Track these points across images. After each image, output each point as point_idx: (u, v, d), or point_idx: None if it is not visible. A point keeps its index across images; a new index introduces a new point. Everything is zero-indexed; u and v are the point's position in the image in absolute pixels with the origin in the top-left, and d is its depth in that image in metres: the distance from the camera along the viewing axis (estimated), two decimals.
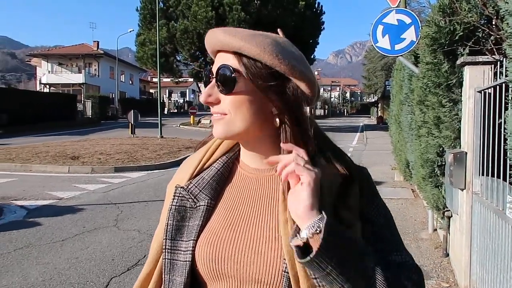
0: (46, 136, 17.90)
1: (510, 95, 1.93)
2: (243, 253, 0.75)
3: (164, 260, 0.80)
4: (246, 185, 0.84)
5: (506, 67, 2.20)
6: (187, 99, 62.75)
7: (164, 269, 0.80)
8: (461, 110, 3.53)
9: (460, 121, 3.56)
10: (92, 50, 40.99)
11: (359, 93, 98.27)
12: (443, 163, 3.98)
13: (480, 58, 3.24)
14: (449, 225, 4.07)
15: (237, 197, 0.83)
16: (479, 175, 3.19)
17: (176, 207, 0.82)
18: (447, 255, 4.15)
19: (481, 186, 3.15)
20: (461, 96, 3.53)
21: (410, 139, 5.54)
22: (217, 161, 0.86)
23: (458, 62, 3.39)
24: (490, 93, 3.04)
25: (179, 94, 64.30)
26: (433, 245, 4.55)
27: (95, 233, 5.04)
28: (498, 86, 2.75)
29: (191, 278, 0.79)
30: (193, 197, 0.82)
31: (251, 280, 0.75)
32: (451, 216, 3.99)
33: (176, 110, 53.34)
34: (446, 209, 4.05)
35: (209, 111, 0.83)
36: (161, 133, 17.23)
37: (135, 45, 25.98)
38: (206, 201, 0.81)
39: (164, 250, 0.81)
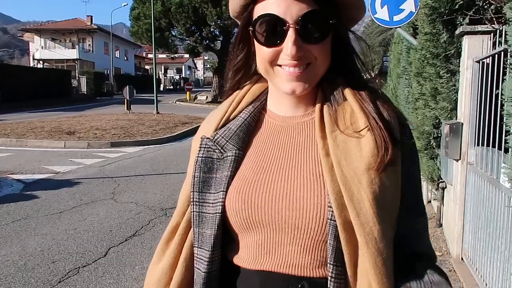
0: (41, 112, 17.76)
1: (508, 61, 1.92)
2: (279, 199, 0.72)
3: (192, 213, 0.77)
4: (276, 133, 0.80)
5: (505, 32, 2.17)
6: (183, 75, 62.14)
7: (193, 222, 0.77)
8: (458, 81, 3.52)
9: (457, 92, 3.54)
10: (85, 25, 40.20)
11: None
12: (439, 135, 3.99)
13: (480, 28, 3.20)
14: (443, 196, 4.12)
15: (267, 145, 0.79)
16: (475, 145, 3.21)
17: (203, 158, 0.78)
18: (440, 225, 4.22)
19: (476, 156, 3.17)
20: (459, 66, 3.51)
21: (406, 112, 5.54)
22: (243, 111, 0.82)
23: (457, 31, 3.35)
24: (488, 63, 3.02)
25: (175, 71, 63.61)
26: None
27: (93, 206, 5.07)
28: (496, 55, 2.72)
29: (222, 231, 0.76)
30: (220, 148, 0.78)
31: (288, 227, 0.71)
32: (445, 187, 4.03)
33: (172, 87, 52.88)
34: (440, 180, 4.09)
35: (205, 87, 0.79)
36: (157, 109, 17.13)
37: (129, 19, 25.50)
38: (234, 151, 0.78)
39: (192, 203, 0.77)
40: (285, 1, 0.70)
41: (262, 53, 0.74)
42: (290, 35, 0.70)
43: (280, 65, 0.73)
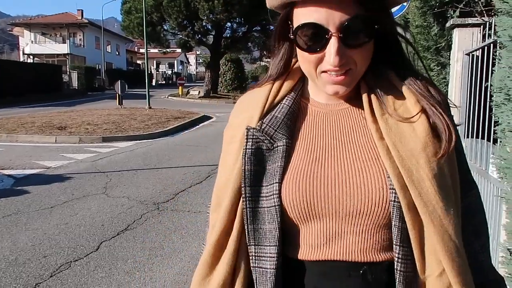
0: (32, 108, 17.58)
1: (498, 51, 1.94)
2: (338, 187, 0.71)
3: (245, 209, 0.73)
4: (321, 121, 0.78)
5: (495, 23, 2.19)
6: (176, 70, 61.82)
7: (247, 220, 0.73)
8: (449, 73, 3.54)
9: (447, 85, 3.57)
10: (76, 19, 39.80)
11: None
12: None
13: (470, 20, 3.22)
14: None
15: (315, 133, 0.77)
16: (464, 137, 3.24)
17: (252, 150, 0.74)
18: None
19: (465, 148, 3.20)
20: (449, 59, 3.53)
21: None
22: (286, 98, 0.79)
23: (447, 24, 3.37)
24: (478, 55, 3.05)
25: (167, 65, 63.27)
26: None
27: (84, 200, 5.04)
28: (486, 48, 2.74)
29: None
30: (269, 138, 0.75)
31: (349, 214, 0.71)
32: None
33: (164, 82, 52.61)
34: None
35: (198, 82, 0.77)
36: (149, 104, 17.03)
37: (120, 13, 25.28)
38: (284, 140, 0.75)
39: (244, 199, 0.73)
40: (326, 6, 0.68)
41: (305, 58, 0.73)
42: (333, 43, 0.68)
43: (322, 71, 0.72)
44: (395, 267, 0.70)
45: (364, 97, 0.75)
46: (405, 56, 0.78)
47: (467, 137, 3.16)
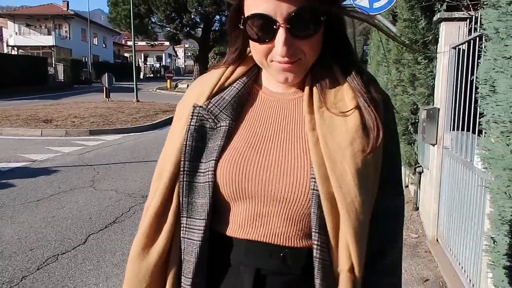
0: (16, 100, 17.25)
1: (483, 44, 1.97)
2: (268, 172, 0.74)
3: (182, 182, 0.77)
4: (268, 107, 0.81)
5: (481, 16, 2.22)
6: (163, 63, 61.26)
7: (182, 192, 0.77)
8: (436, 67, 3.58)
9: (434, 78, 3.62)
10: (61, 11, 39.02)
11: None
12: (417, 120, 4.07)
13: (456, 14, 3.26)
14: (419, 181, 4.23)
15: (259, 118, 0.80)
16: (450, 130, 3.29)
17: (196, 127, 0.77)
18: (417, 209, 4.33)
19: (451, 141, 3.25)
20: (436, 53, 3.57)
21: None
22: (237, 81, 0.82)
23: (434, 18, 3.40)
24: (464, 49, 3.09)
25: (155, 58, 62.63)
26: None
27: (71, 193, 4.99)
28: (472, 41, 2.78)
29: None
30: (213, 117, 0.78)
31: (276, 199, 0.74)
32: (422, 171, 4.13)
33: (152, 75, 52.06)
34: (417, 165, 4.18)
35: (186, 76, 0.79)
36: (137, 97, 16.87)
37: (107, 5, 24.90)
38: (228, 121, 0.78)
39: (182, 173, 0.76)
40: (263, 2, 0.69)
41: (255, 47, 0.75)
42: (281, 34, 0.70)
43: (273, 61, 0.75)
44: (314, 254, 0.72)
45: (307, 89, 0.78)
46: (351, 50, 0.80)
47: (453, 130, 3.21)
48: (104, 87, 16.62)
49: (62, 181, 5.53)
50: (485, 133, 1.94)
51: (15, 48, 36.61)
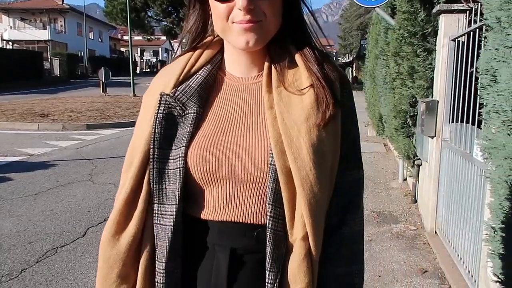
0: (11, 95, 17.14)
1: (484, 34, 1.97)
2: (236, 155, 0.77)
3: (152, 170, 0.78)
4: (233, 93, 0.84)
5: (481, 6, 2.22)
6: (160, 58, 60.95)
7: (153, 179, 0.78)
8: (435, 59, 3.58)
9: (433, 71, 3.61)
10: (57, 5, 38.65)
11: (334, 54, 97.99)
12: (415, 113, 4.08)
13: (456, 6, 3.25)
14: (418, 173, 4.24)
15: (224, 104, 0.83)
16: (449, 122, 3.30)
17: (164, 115, 0.79)
18: (415, 201, 4.35)
19: (450, 133, 3.26)
20: (435, 45, 3.57)
21: (384, 93, 5.63)
22: (202, 69, 0.84)
23: (434, 10, 3.39)
24: (464, 41, 3.09)
25: (152, 53, 62.30)
26: (402, 193, 4.75)
27: (69, 187, 4.98)
28: (472, 33, 2.78)
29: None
30: (181, 105, 0.79)
31: (244, 179, 0.77)
32: (421, 164, 4.14)
33: (148, 70, 51.85)
34: (416, 157, 4.19)
35: None
36: (133, 92, 16.79)
37: None
38: (195, 108, 0.80)
39: (151, 160, 0.78)
40: None
41: (217, 10, 0.76)
42: None
43: (234, 22, 0.76)
44: (267, 225, 0.75)
45: (266, 70, 0.81)
46: (306, 30, 0.83)
47: (452, 122, 3.22)
48: (101, 82, 16.55)
49: (60, 175, 5.51)
50: (486, 123, 1.94)
51: (10, 43, 36.31)
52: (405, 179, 5.08)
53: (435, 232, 3.53)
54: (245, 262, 0.79)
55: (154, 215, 0.79)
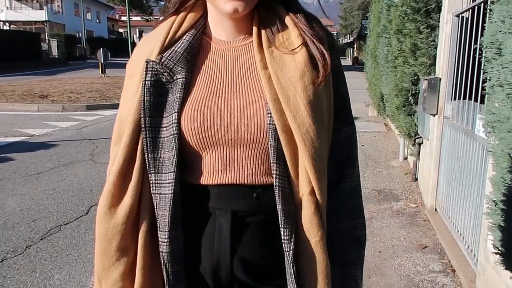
0: (10, 76, 17.03)
1: (488, 7, 1.94)
2: (232, 117, 0.76)
3: (145, 139, 0.76)
4: (221, 56, 0.82)
5: None
6: None
7: (147, 149, 0.76)
8: (438, 36, 3.54)
9: (436, 48, 3.58)
10: None
11: (335, 34, 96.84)
12: (417, 91, 4.05)
13: None
14: (419, 152, 4.25)
15: (213, 68, 0.81)
16: (452, 100, 3.28)
17: (152, 82, 0.76)
18: (416, 179, 4.37)
19: (452, 111, 3.25)
20: (439, 21, 3.52)
21: (385, 71, 5.58)
22: (186, 34, 0.82)
23: None
24: (467, 17, 3.05)
25: None
26: (403, 172, 4.77)
27: (71, 167, 5.00)
28: (476, 8, 2.74)
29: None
30: (168, 71, 0.77)
31: (241, 141, 0.76)
32: (422, 142, 4.15)
33: None
34: (417, 136, 4.19)
35: None
36: None
37: None
38: (184, 73, 0.78)
39: (143, 129, 0.76)
40: None
41: None
42: None
43: None
44: (274, 183, 0.75)
45: (255, 32, 0.80)
46: None
47: (455, 99, 3.21)
48: (100, 63, 16.41)
49: (62, 155, 5.52)
50: (489, 98, 1.93)
51: (7, 24, 35.84)
52: (406, 158, 5.10)
53: (435, 209, 3.56)
54: (247, 224, 0.79)
55: (151, 185, 0.78)
